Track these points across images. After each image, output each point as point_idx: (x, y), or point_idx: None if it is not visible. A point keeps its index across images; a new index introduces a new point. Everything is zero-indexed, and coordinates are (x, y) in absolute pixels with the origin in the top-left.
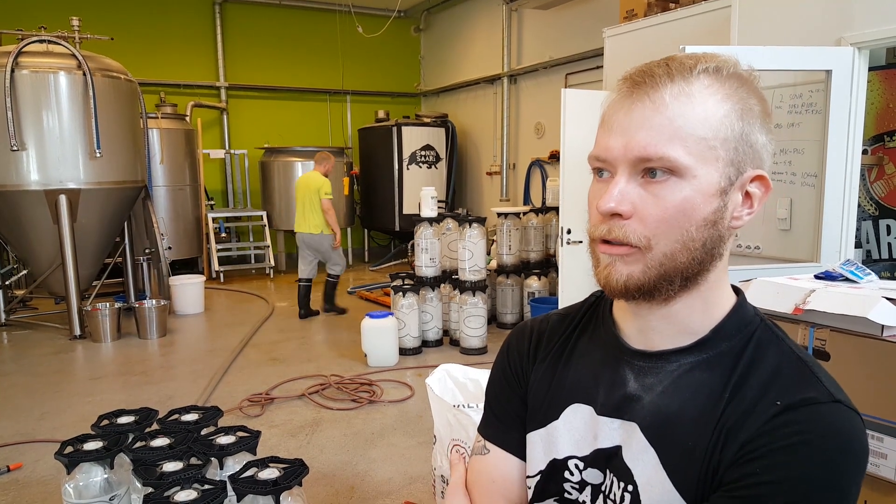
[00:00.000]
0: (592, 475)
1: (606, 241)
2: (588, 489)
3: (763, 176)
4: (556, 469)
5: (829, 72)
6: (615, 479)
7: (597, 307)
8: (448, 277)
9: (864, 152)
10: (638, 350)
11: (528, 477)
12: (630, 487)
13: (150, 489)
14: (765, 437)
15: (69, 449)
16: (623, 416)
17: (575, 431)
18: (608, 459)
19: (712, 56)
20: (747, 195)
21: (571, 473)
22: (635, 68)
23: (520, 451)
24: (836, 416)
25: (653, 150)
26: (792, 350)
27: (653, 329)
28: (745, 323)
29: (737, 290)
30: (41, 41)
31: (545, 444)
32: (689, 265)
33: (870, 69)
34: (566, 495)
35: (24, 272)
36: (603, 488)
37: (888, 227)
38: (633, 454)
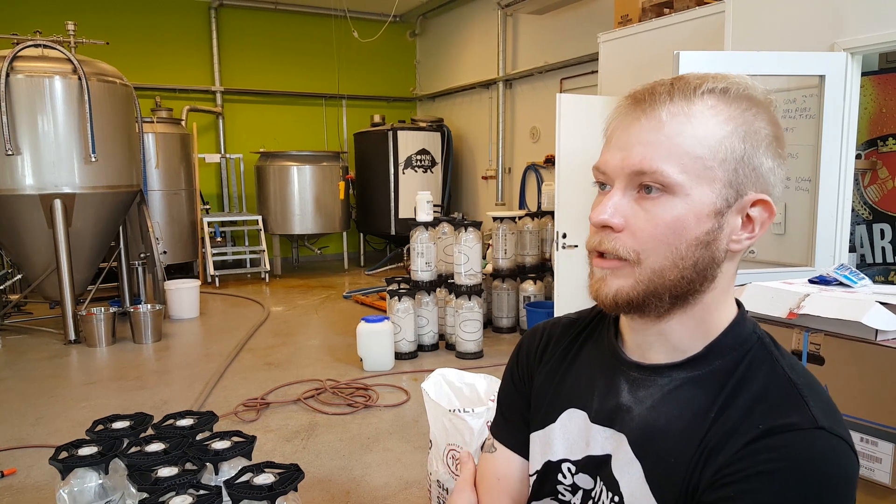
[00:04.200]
0: (583, 480)
1: (600, 255)
2: (580, 493)
3: (766, 200)
4: (550, 470)
5: (822, 77)
6: (604, 488)
7: (605, 315)
8: (444, 282)
9: (858, 157)
10: (634, 362)
11: (530, 475)
12: (616, 498)
13: (145, 494)
14: (741, 461)
15: (63, 454)
16: (614, 425)
17: (570, 435)
18: (598, 467)
19: (723, 77)
20: (748, 218)
21: (564, 476)
22: (641, 86)
23: (524, 451)
24: (814, 444)
25: (647, 166)
26: (784, 371)
27: (648, 343)
28: (740, 341)
29: (739, 305)
30: (36, 45)
31: (542, 446)
32: (678, 283)
33: (863, 74)
34: (560, 496)
35: (19, 277)
36: (593, 494)
37: (882, 231)
38: (620, 466)
